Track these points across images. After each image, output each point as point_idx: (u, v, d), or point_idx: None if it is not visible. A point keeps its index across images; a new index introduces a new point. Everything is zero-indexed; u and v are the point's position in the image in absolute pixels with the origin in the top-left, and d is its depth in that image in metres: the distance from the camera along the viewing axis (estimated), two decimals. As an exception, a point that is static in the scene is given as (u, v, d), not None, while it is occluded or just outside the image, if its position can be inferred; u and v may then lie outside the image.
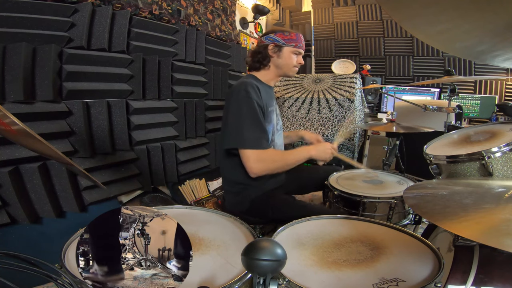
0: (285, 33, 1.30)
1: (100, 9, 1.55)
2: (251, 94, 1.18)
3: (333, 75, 2.72)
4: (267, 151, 1.19)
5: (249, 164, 1.15)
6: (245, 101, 1.18)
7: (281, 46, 1.30)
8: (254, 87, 1.22)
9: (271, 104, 1.35)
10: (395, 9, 0.77)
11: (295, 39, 1.30)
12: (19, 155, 1.27)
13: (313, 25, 4.22)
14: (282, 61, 1.32)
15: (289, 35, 1.30)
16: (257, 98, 1.21)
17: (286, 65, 1.32)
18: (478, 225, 0.53)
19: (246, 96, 1.18)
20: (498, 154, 0.95)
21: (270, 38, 1.31)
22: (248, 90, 1.19)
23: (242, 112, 1.17)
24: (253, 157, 1.14)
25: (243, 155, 1.16)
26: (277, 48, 1.30)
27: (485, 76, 3.38)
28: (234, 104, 1.20)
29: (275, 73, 1.36)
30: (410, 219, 1.30)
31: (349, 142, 2.45)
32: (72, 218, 1.50)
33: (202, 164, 2.34)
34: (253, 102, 1.18)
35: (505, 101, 3.16)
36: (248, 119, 1.17)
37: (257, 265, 0.51)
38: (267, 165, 1.18)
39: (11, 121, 0.51)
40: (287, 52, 1.31)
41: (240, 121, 1.17)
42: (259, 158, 1.15)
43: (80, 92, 1.50)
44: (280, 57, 1.31)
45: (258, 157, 1.15)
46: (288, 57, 1.31)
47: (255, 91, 1.21)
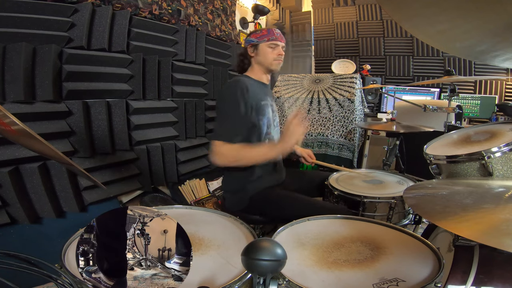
0: (257, 32, 1.39)
1: (100, 9, 1.55)
2: (235, 90, 1.26)
3: (333, 75, 2.71)
4: (231, 146, 1.21)
5: (211, 154, 1.22)
6: (226, 98, 1.28)
7: (256, 44, 1.38)
8: (242, 84, 1.28)
9: (265, 99, 1.37)
10: (395, 9, 0.77)
11: (267, 33, 1.37)
12: (19, 155, 1.27)
13: (313, 25, 4.22)
14: (260, 57, 1.38)
15: (260, 32, 1.38)
16: (242, 94, 1.25)
17: (265, 60, 1.38)
18: (478, 225, 0.53)
19: (227, 94, 1.28)
20: (498, 154, 0.95)
21: (247, 41, 1.41)
22: (231, 88, 1.28)
23: (222, 109, 1.29)
24: (215, 148, 1.21)
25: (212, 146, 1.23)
26: (254, 47, 1.38)
27: (485, 76, 3.38)
28: (218, 102, 1.37)
29: (260, 70, 1.42)
30: (410, 219, 1.30)
31: (349, 142, 2.45)
32: (72, 218, 1.50)
33: (202, 164, 2.34)
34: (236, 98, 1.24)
35: (505, 101, 3.16)
36: (224, 114, 1.27)
37: (257, 265, 0.51)
38: (227, 159, 1.22)
39: (11, 121, 0.51)
40: (263, 48, 1.37)
41: (218, 117, 1.32)
42: (220, 151, 1.20)
43: (80, 92, 1.50)
44: (258, 54, 1.38)
45: (219, 149, 1.20)
46: (265, 52, 1.37)
47: (241, 88, 1.27)
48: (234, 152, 1.22)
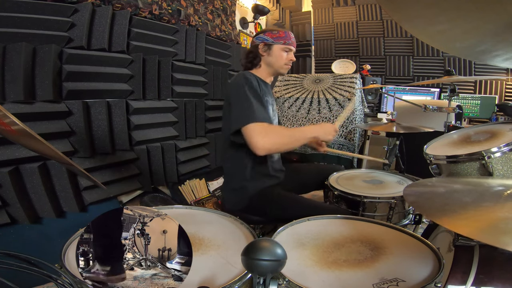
0: (273, 31, 1.33)
1: (100, 9, 1.55)
2: (251, 80, 1.22)
3: (333, 75, 2.72)
4: (273, 125, 1.19)
5: (254, 139, 1.07)
6: (246, 86, 1.19)
7: (270, 44, 1.33)
8: (253, 77, 1.26)
9: (268, 96, 1.37)
10: (395, 9, 0.77)
11: (284, 36, 1.33)
12: (19, 155, 1.27)
13: (313, 25, 4.22)
14: (272, 58, 1.34)
15: (277, 33, 1.33)
16: (256, 85, 1.24)
17: (276, 62, 1.35)
18: (477, 223, 0.53)
19: (245, 82, 1.21)
20: (498, 154, 0.95)
21: (260, 38, 1.34)
22: (248, 77, 1.23)
23: (245, 94, 1.15)
24: (258, 129, 1.07)
25: (247, 132, 1.08)
26: (267, 46, 1.33)
27: (485, 76, 3.38)
28: (236, 91, 1.19)
29: (267, 71, 1.39)
30: (410, 219, 1.30)
31: (349, 142, 2.45)
32: (72, 218, 1.50)
33: (202, 164, 2.34)
34: (253, 86, 1.21)
35: (505, 101, 3.16)
36: (251, 98, 1.15)
37: (257, 265, 0.51)
38: (273, 139, 1.10)
39: (11, 121, 0.51)
40: (277, 50, 1.33)
41: (244, 102, 1.14)
42: (265, 131, 1.08)
43: (80, 92, 1.50)
44: (271, 55, 1.34)
45: (263, 130, 1.08)
46: (278, 55, 1.34)
47: (254, 79, 1.25)
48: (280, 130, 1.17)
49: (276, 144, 1.12)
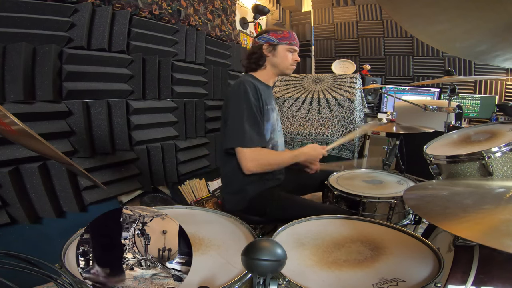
0: (278, 31, 1.32)
1: (100, 9, 1.55)
2: (249, 95, 1.21)
3: (333, 75, 2.72)
4: (262, 150, 1.22)
5: (243, 163, 1.19)
6: (243, 102, 1.20)
7: (275, 44, 1.31)
8: (253, 86, 1.24)
9: (270, 103, 1.36)
10: (395, 9, 0.77)
11: (288, 36, 1.31)
12: (19, 155, 1.27)
13: (313, 25, 4.22)
14: (277, 59, 1.33)
15: (282, 33, 1.31)
16: (255, 97, 1.23)
17: (282, 63, 1.33)
18: (478, 226, 0.53)
19: (244, 96, 1.20)
20: (498, 154, 0.95)
21: (264, 38, 1.32)
22: (247, 90, 1.21)
23: (240, 113, 1.20)
24: (248, 154, 1.18)
25: (239, 153, 1.20)
26: (272, 47, 1.31)
27: (485, 76, 3.38)
28: (233, 104, 1.22)
29: (272, 72, 1.37)
30: (410, 219, 1.30)
31: (349, 142, 2.45)
32: (72, 218, 1.50)
33: (202, 164, 2.34)
34: (251, 102, 1.20)
35: (505, 101, 3.16)
36: (245, 119, 1.19)
37: (257, 265, 0.51)
38: (262, 165, 1.22)
39: (11, 121, 0.51)
40: (282, 50, 1.32)
41: (238, 122, 1.19)
42: (255, 157, 1.19)
43: (80, 92, 1.50)
44: (276, 55, 1.32)
45: (254, 155, 1.19)
46: (284, 55, 1.32)
47: (253, 91, 1.23)
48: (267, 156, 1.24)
49: (265, 168, 1.24)
